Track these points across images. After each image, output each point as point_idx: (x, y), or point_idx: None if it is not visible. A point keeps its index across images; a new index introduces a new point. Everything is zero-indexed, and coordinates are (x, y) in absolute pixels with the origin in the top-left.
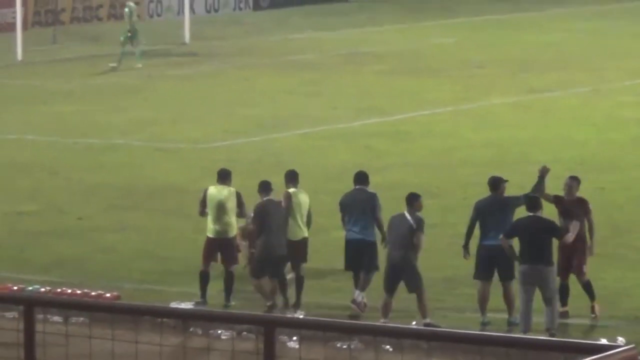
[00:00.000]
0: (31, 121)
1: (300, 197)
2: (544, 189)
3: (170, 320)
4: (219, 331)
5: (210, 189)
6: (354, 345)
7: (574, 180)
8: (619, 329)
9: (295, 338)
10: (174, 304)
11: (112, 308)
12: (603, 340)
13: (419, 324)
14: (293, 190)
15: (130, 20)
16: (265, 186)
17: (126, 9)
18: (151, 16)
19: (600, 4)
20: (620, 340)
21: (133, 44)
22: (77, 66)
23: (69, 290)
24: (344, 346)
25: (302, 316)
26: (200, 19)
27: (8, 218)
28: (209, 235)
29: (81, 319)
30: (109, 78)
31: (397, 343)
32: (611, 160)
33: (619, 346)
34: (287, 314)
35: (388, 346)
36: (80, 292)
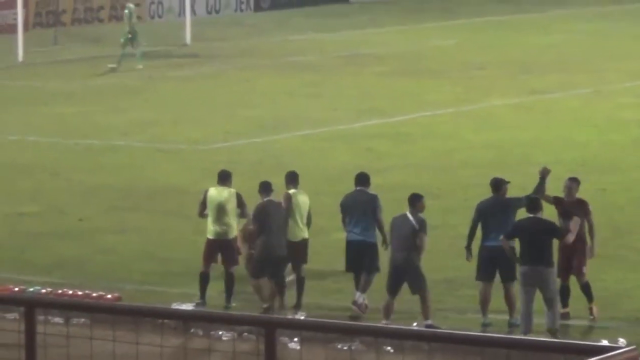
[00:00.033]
0: (32, 122)
1: (300, 198)
2: (545, 190)
3: (171, 321)
4: (220, 332)
5: (211, 190)
6: (354, 346)
7: (574, 182)
8: (620, 330)
9: (296, 339)
10: (175, 305)
11: (113, 309)
12: (604, 342)
13: (420, 326)
14: (293, 191)
15: (129, 22)
16: (266, 187)
17: (126, 11)
18: (152, 17)
19: (600, 5)
20: (621, 341)
21: (133, 46)
22: (78, 67)
23: (70, 292)
24: (345, 347)
25: (303, 317)
26: (201, 20)
27: (9, 219)
28: (209, 237)
29: (82, 320)
30: (110, 79)
31: (398, 344)
32: (612, 162)
33: (620, 347)
34: (288, 315)
35: (389, 347)
36: (81, 293)
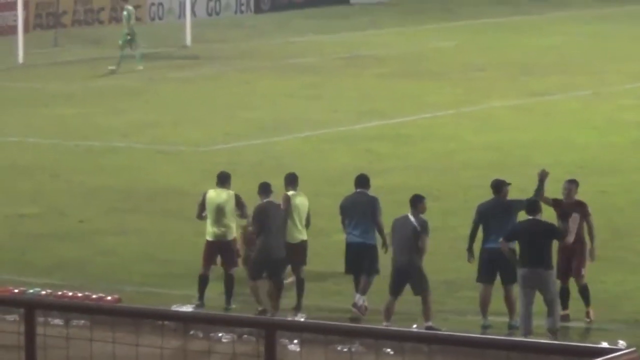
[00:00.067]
0: (32, 124)
1: (299, 200)
2: (544, 193)
3: (171, 323)
4: (220, 334)
5: (210, 192)
6: (354, 348)
7: (573, 184)
8: (620, 332)
9: (296, 341)
10: (175, 307)
11: (113, 311)
12: (604, 344)
13: (420, 328)
14: (292, 192)
15: (128, 24)
16: (265, 188)
17: (124, 12)
18: (152, 19)
19: (600, 7)
20: (621, 343)
21: (132, 47)
22: (79, 69)
23: (70, 293)
24: (345, 349)
25: (303, 319)
26: (202, 22)
27: (9, 220)
28: (208, 239)
29: (82, 321)
30: (110, 81)
31: (398, 346)
32: (612, 164)
33: (620, 349)
34: (288, 317)
35: (389, 349)
36: (81, 295)
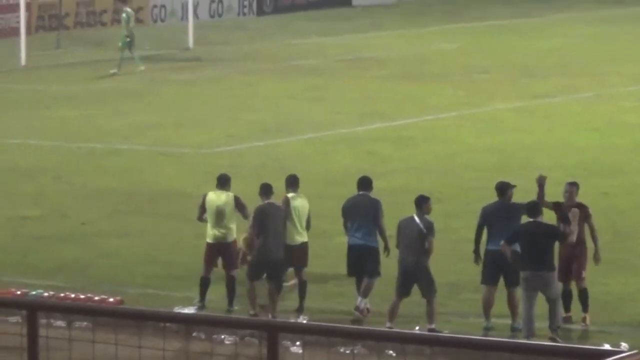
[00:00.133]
0: (34, 126)
1: (299, 202)
2: (544, 197)
3: (173, 324)
4: (222, 336)
5: (209, 194)
6: (357, 350)
7: (574, 186)
8: (622, 335)
9: (298, 343)
10: (177, 309)
11: (115, 313)
12: (606, 346)
13: (422, 330)
14: (292, 195)
15: (127, 26)
16: (266, 189)
17: (124, 15)
18: (155, 21)
19: (602, 9)
20: (624, 345)
21: (131, 50)
22: (81, 71)
23: (72, 295)
24: (347, 351)
25: (306, 321)
26: (204, 24)
27: (11, 223)
28: (209, 241)
29: (84, 323)
30: (112, 82)
31: (401, 348)
32: (614, 166)
33: (623, 351)
34: (290, 319)
35: (391, 351)
36: (84, 297)
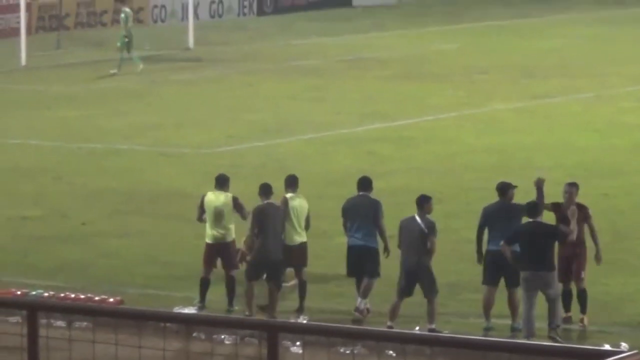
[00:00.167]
0: (35, 126)
1: (297, 202)
2: (543, 200)
3: (174, 325)
4: (222, 336)
5: (208, 194)
6: (357, 350)
7: (573, 187)
8: (622, 335)
9: (298, 343)
10: (177, 309)
11: (116, 313)
12: (606, 346)
13: (422, 330)
14: (290, 195)
15: (126, 26)
16: (266, 189)
17: (122, 15)
18: (155, 21)
19: (602, 9)
20: (624, 345)
21: (129, 50)
22: (81, 71)
23: (73, 295)
24: (347, 351)
25: (306, 321)
26: (204, 25)
27: (12, 223)
28: (208, 241)
29: (84, 323)
30: (112, 83)
31: (401, 348)
32: (614, 166)
33: (622, 352)
34: (291, 319)
35: (391, 351)
36: (84, 297)
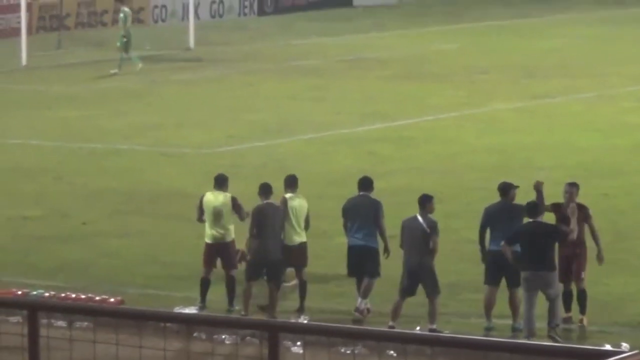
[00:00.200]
0: (35, 126)
1: (297, 202)
2: (544, 202)
3: (174, 325)
4: (223, 336)
5: (207, 195)
6: (357, 350)
7: (574, 187)
8: (623, 335)
9: (299, 343)
10: (177, 309)
11: (116, 313)
12: (607, 346)
13: (423, 330)
14: (289, 195)
15: (124, 26)
16: (266, 189)
17: (121, 15)
18: (156, 21)
19: (603, 9)
20: (625, 346)
21: (127, 50)
22: (82, 71)
23: (73, 295)
24: (348, 351)
25: (306, 321)
26: (205, 25)
27: (12, 223)
28: (207, 241)
29: (85, 323)
30: (113, 83)
31: (401, 348)
32: (614, 166)
33: (623, 352)
34: (291, 319)
35: (392, 351)
36: (84, 297)
